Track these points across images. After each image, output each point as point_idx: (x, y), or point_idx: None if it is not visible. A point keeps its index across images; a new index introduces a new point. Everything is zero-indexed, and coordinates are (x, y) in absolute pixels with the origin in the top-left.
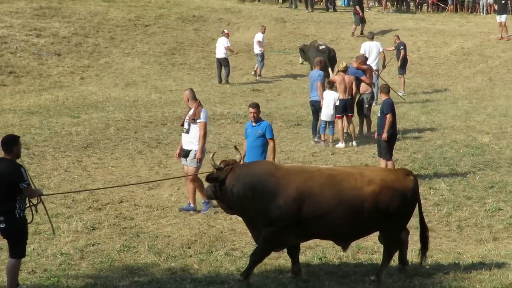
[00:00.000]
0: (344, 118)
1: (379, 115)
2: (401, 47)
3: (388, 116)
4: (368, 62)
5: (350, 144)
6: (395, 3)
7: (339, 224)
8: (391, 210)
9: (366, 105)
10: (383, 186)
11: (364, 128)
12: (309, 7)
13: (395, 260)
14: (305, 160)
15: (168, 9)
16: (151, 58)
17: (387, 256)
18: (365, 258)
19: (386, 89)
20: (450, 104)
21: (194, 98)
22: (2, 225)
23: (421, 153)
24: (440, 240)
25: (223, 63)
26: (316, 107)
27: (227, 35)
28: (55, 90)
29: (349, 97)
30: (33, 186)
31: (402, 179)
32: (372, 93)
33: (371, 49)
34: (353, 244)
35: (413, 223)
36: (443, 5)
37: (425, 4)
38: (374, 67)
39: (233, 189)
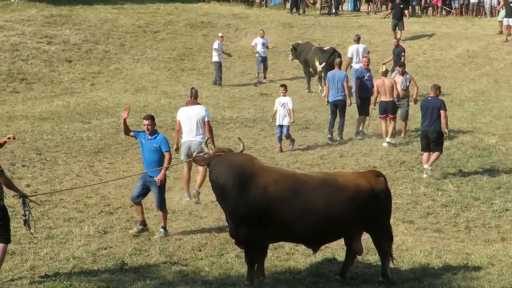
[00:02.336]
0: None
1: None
2: (403, 53)
3: (442, 113)
4: (352, 64)
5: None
6: None
7: (311, 230)
8: (366, 213)
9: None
10: (356, 191)
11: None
12: (293, 10)
13: (404, 261)
14: (314, 163)
15: (177, 16)
16: (161, 64)
17: (383, 255)
18: (374, 259)
19: (435, 88)
20: (456, 107)
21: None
22: None
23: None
24: (449, 240)
25: (214, 65)
26: (337, 107)
27: (221, 38)
28: (66, 97)
29: (390, 100)
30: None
31: (374, 181)
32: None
33: (358, 52)
34: (363, 246)
35: (422, 224)
36: (448, 9)
37: (431, 7)
38: (358, 68)
39: (211, 174)
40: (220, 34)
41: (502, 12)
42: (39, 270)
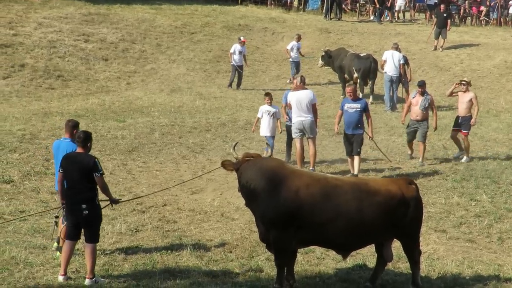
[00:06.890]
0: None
1: None
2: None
3: None
4: (386, 70)
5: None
6: None
7: (341, 234)
8: (397, 220)
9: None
10: (387, 196)
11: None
12: (328, 15)
13: (435, 270)
14: (347, 168)
15: (214, 18)
16: (196, 65)
17: (414, 264)
18: (405, 267)
19: None
20: (493, 117)
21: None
22: (86, 212)
23: (463, 164)
24: (481, 251)
25: (232, 68)
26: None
27: (243, 43)
28: (101, 95)
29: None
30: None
31: (405, 188)
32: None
33: (393, 57)
34: (394, 253)
35: (454, 233)
36: (486, 19)
37: (469, 17)
38: (393, 74)
39: (241, 178)
40: (242, 38)
41: None
42: (70, 267)
